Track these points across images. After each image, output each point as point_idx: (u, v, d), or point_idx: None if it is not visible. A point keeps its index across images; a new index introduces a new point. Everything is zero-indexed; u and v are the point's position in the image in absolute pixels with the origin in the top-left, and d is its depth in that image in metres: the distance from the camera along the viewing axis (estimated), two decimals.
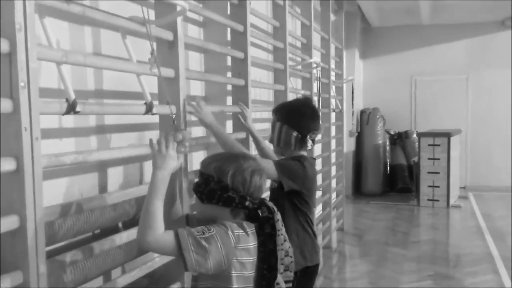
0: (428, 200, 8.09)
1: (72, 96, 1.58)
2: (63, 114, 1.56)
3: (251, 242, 1.58)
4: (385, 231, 6.78)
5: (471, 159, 9.61)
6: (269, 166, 2.27)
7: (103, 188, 2.34)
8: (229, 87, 3.30)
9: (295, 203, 2.42)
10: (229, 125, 3.28)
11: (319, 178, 4.94)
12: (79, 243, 2.03)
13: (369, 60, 10.08)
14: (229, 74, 3.32)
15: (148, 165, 2.51)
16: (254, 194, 1.61)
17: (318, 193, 5.25)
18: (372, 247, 5.93)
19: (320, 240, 5.13)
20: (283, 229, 1.67)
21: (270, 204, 1.64)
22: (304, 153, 2.48)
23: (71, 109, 1.56)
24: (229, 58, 3.27)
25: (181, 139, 1.61)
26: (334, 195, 6.30)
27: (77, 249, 1.81)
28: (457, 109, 9.62)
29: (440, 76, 9.69)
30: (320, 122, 2.61)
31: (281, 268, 1.65)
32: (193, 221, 1.74)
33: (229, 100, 3.30)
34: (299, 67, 4.74)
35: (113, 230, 2.24)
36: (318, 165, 5.34)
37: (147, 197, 1.54)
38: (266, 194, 2.33)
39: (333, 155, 6.23)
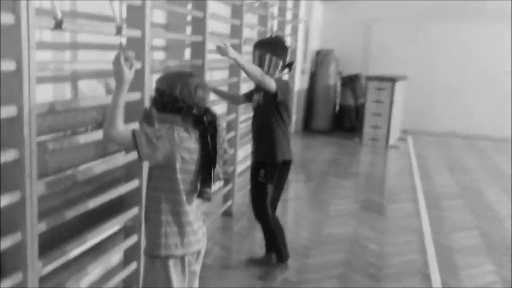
0: (370, 139, 8.78)
1: (59, 15, 1.96)
2: (52, 30, 1.95)
3: (192, 143, 2.04)
4: (327, 163, 7.43)
5: (414, 105, 10.25)
6: (271, 82, 3.19)
7: (75, 96, 2.75)
8: (189, 18, 3.68)
9: (280, 113, 3.35)
10: (187, 52, 3.69)
11: None
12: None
13: (329, 2, 10.40)
14: (189, 6, 3.69)
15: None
16: (199, 103, 2.06)
17: None
18: (314, 176, 6.56)
19: None
20: (224, 133, 2.14)
21: (214, 111, 2.09)
22: (285, 77, 3.55)
23: (58, 25, 1.95)
24: None
25: (129, 57, 2.03)
26: None
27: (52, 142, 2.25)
28: (406, 57, 10.16)
29: (394, 24, 10.15)
30: None
31: (220, 161, 2.12)
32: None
33: (188, 29, 3.69)
34: (256, 4, 5.10)
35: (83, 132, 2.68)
36: None
37: (110, 101, 1.98)
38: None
39: None
